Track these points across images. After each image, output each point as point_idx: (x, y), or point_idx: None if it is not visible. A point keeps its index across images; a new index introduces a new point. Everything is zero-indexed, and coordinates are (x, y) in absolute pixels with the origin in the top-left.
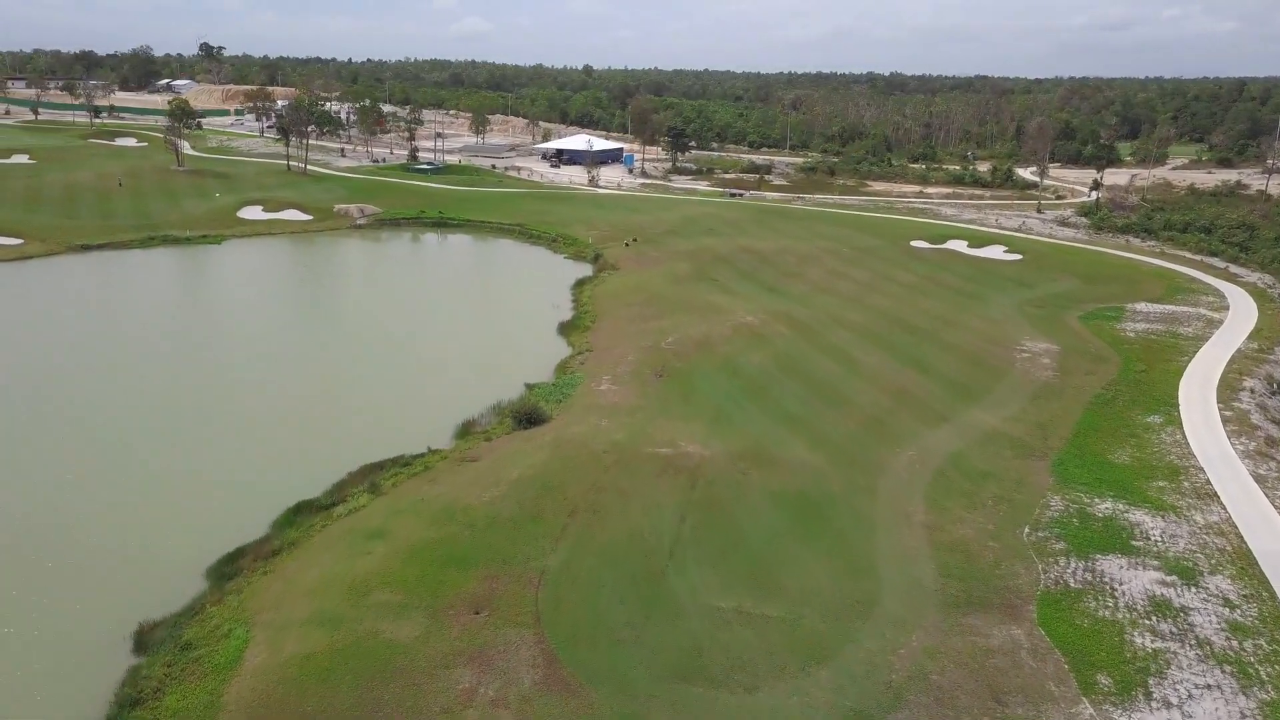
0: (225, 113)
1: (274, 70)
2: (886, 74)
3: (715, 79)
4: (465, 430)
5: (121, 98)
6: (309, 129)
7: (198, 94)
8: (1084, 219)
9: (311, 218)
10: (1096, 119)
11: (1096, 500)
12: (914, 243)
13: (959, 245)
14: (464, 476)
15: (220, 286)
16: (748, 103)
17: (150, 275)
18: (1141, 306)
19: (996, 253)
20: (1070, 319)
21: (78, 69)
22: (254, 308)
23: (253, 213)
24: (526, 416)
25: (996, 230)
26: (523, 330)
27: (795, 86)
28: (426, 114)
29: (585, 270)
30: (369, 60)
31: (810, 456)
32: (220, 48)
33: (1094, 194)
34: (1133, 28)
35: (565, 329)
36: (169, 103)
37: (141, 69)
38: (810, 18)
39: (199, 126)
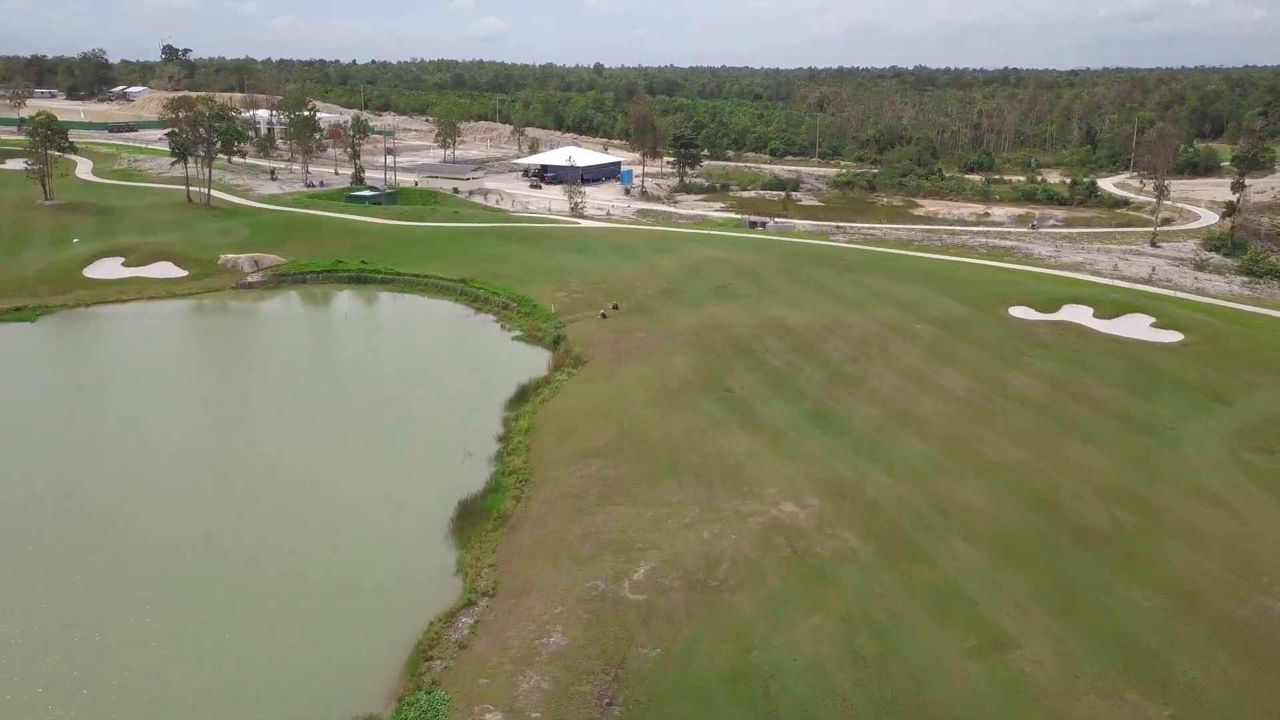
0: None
1: (244, 74)
2: (910, 68)
3: (732, 76)
4: None
5: (62, 107)
6: (214, 146)
7: (148, 102)
8: (1217, 255)
9: (186, 274)
10: (1169, 114)
11: None
12: (1014, 310)
13: (1081, 314)
14: None
15: None
16: (768, 101)
17: None
18: None
19: (1141, 327)
20: None
21: (32, 75)
22: None
23: (108, 268)
24: None
25: (1125, 284)
26: (391, 528)
27: (818, 83)
28: (411, 122)
29: (538, 364)
30: (373, 61)
31: None
32: (186, 50)
33: (1228, 219)
34: (1159, 18)
35: (465, 522)
36: (31, 117)
37: (94, 75)
38: (830, 13)
39: (72, 148)
